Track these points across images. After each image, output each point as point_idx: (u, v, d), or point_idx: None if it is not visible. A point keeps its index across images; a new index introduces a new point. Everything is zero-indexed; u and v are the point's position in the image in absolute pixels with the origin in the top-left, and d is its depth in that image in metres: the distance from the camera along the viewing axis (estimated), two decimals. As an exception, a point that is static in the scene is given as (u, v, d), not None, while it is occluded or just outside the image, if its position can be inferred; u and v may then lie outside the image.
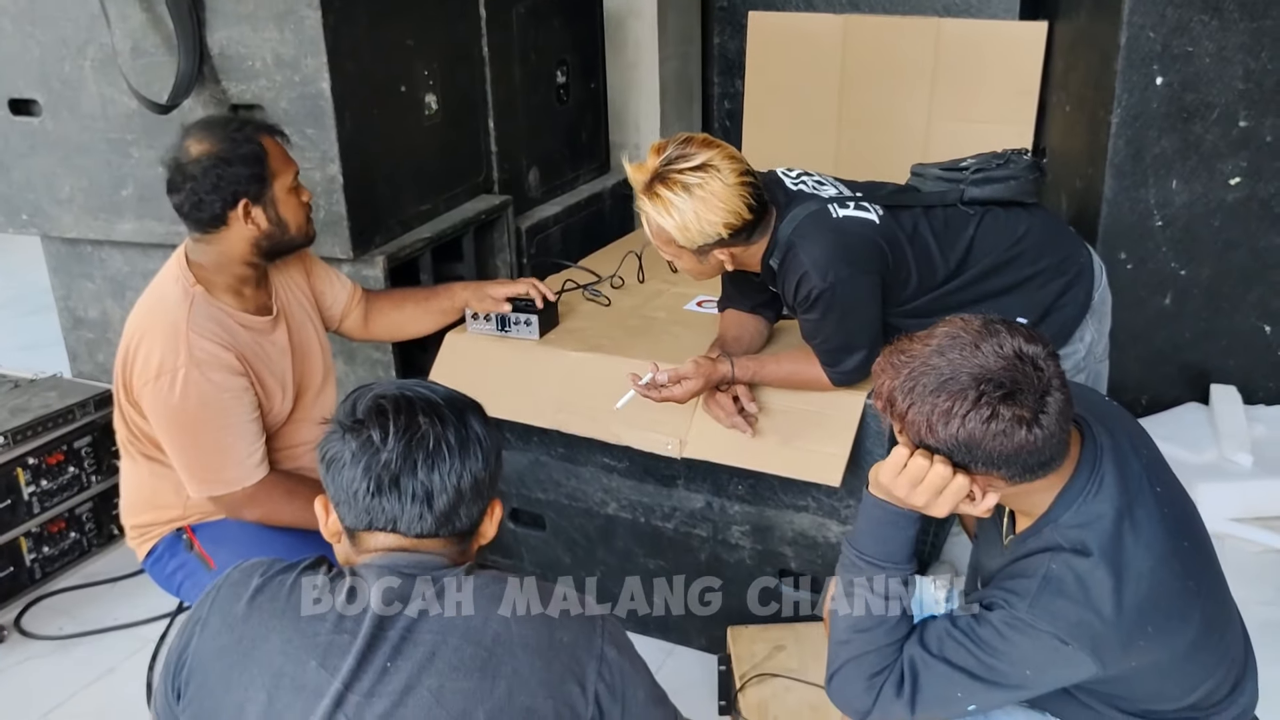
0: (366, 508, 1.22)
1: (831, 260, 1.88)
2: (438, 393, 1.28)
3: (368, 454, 1.21)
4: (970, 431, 1.23)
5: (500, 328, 2.34)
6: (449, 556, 1.26)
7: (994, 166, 2.09)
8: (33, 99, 2.65)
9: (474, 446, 1.25)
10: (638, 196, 1.89)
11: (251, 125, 1.97)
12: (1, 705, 2.29)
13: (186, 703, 1.20)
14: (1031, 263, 2.07)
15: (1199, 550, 1.39)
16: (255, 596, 1.21)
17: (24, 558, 2.60)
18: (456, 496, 1.23)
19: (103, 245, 2.83)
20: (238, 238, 1.94)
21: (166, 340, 1.88)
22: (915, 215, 2.02)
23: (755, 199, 1.87)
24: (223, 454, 1.93)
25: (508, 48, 3.09)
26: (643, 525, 2.34)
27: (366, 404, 1.25)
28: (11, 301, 4.64)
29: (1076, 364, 2.13)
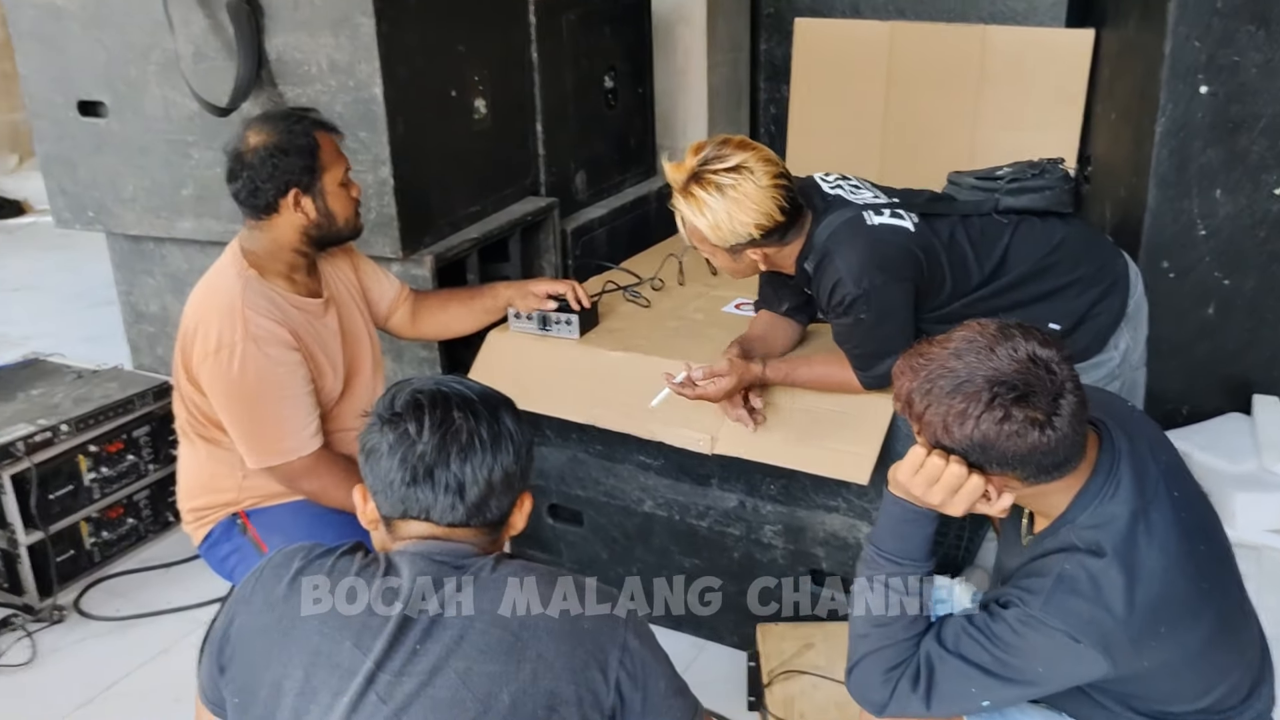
0: (402, 497, 1.28)
1: (866, 267, 1.92)
2: (472, 389, 1.34)
3: (404, 446, 1.27)
4: (984, 432, 1.26)
5: (541, 327, 2.40)
6: (479, 545, 1.31)
7: (1029, 176, 2.11)
8: (100, 101, 2.78)
9: (505, 441, 1.31)
10: (674, 195, 1.94)
11: (308, 120, 2.06)
12: (60, 682, 2.39)
13: (229, 678, 1.27)
14: (1067, 271, 2.08)
15: (1215, 554, 1.41)
16: (296, 579, 1.27)
17: (84, 541, 2.71)
18: (487, 488, 1.29)
19: (164, 242, 2.94)
20: (288, 225, 2.04)
21: (224, 318, 1.98)
22: (952, 223, 2.04)
23: (788, 201, 1.91)
24: (280, 425, 2.02)
25: (557, 54, 3.16)
26: (678, 523, 2.38)
27: (405, 398, 1.31)
28: (79, 295, 4.80)
29: (1111, 371, 2.14)
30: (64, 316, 4.50)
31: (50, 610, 2.58)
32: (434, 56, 2.64)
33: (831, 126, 3.62)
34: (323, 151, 2.03)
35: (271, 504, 2.21)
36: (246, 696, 1.24)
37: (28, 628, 2.53)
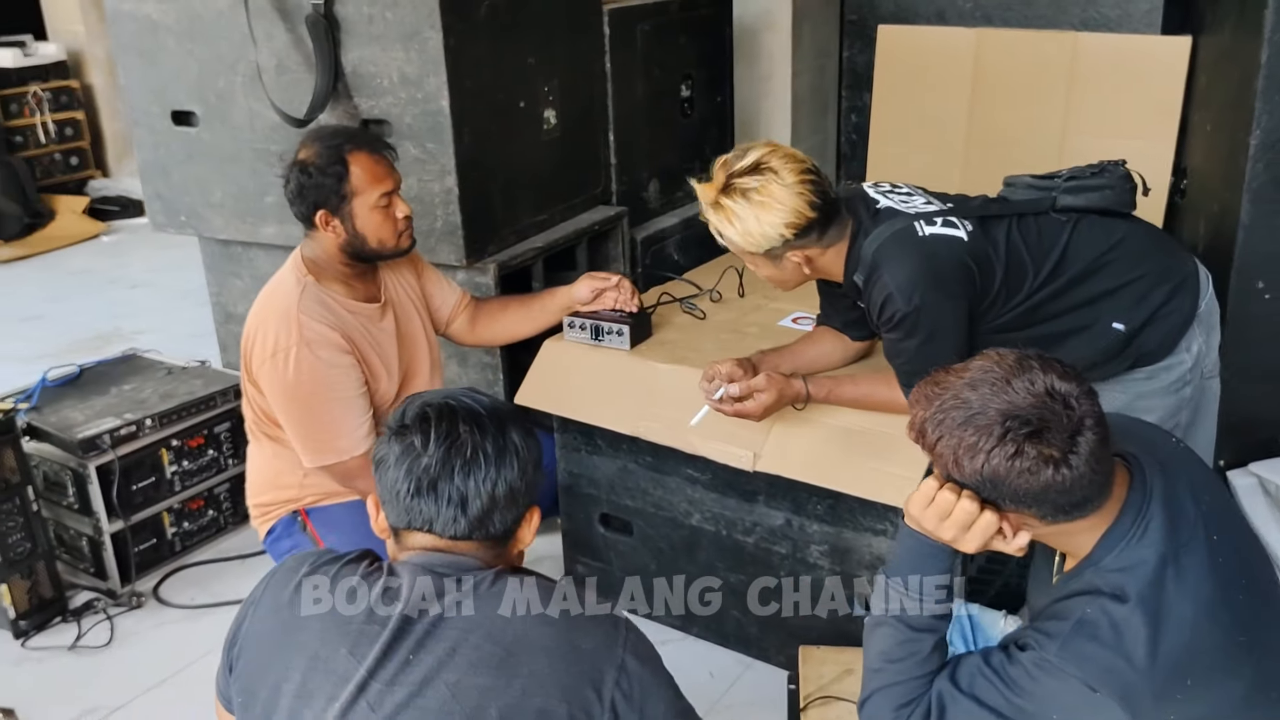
0: (406, 508, 1.31)
1: (917, 283, 1.87)
2: (481, 403, 1.36)
3: (410, 457, 1.30)
4: (994, 468, 1.21)
5: (594, 337, 2.42)
6: (483, 559, 1.33)
7: (1088, 175, 2.04)
8: (191, 111, 2.91)
9: (511, 456, 1.32)
10: (705, 210, 1.93)
11: (350, 142, 2.10)
12: (134, 664, 2.52)
13: (236, 676, 1.32)
14: (1130, 268, 1.99)
15: (1260, 604, 1.32)
16: (300, 584, 1.31)
17: (166, 531, 2.85)
18: (490, 502, 1.30)
19: (250, 247, 3.07)
20: (327, 241, 2.12)
21: (280, 323, 2.07)
22: (1008, 224, 1.98)
23: (819, 197, 1.86)
24: (334, 425, 2.09)
25: (631, 64, 3.18)
26: (724, 538, 2.37)
27: (414, 411, 1.34)
28: (188, 294, 5.04)
29: (1182, 376, 2.04)
30: (172, 314, 4.73)
31: (130, 596, 2.72)
32: (502, 69, 2.69)
33: (914, 136, 3.54)
34: (353, 176, 2.07)
35: (330, 503, 2.29)
36: (249, 696, 1.28)
37: (108, 611, 2.67)
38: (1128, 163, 2.13)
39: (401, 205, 2.15)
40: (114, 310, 4.90)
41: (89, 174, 6.67)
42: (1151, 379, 2.04)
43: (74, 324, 4.73)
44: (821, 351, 2.18)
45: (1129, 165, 2.14)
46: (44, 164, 6.42)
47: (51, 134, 6.46)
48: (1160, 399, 2.03)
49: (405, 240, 2.18)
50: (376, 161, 2.11)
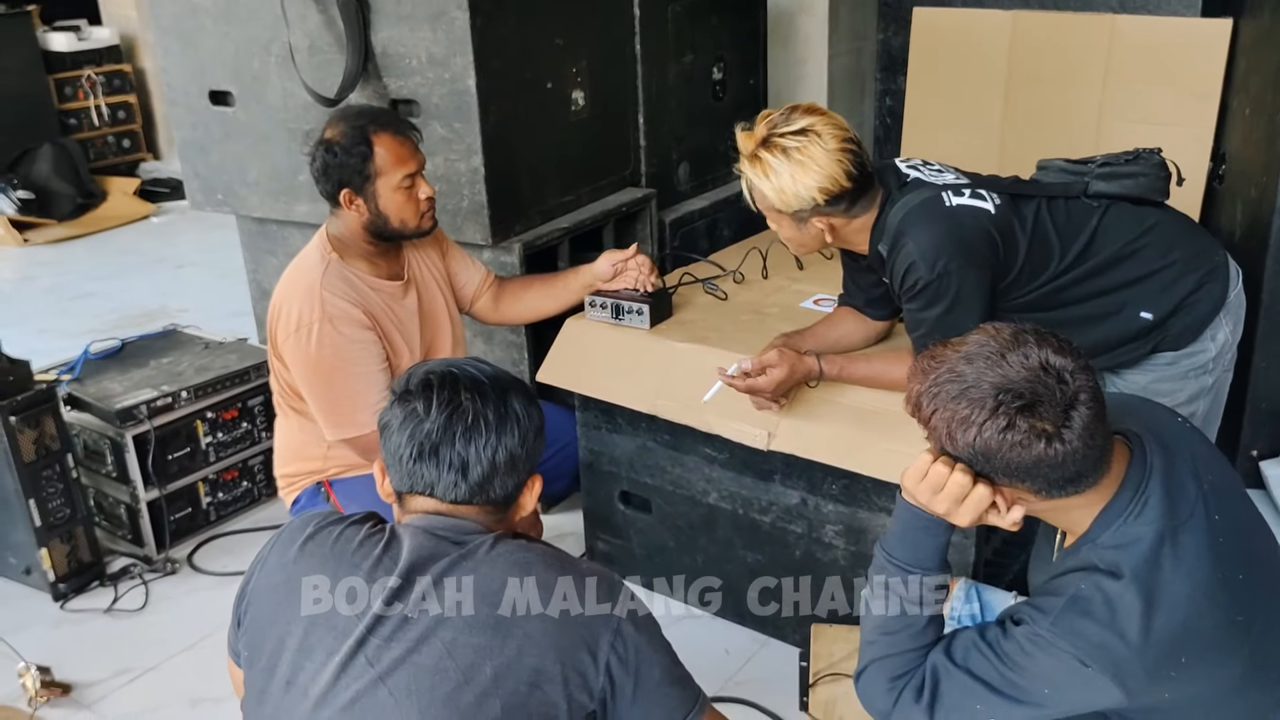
0: (409, 472, 1.34)
1: (941, 250, 1.86)
2: (484, 371, 1.39)
3: (413, 423, 1.33)
4: (986, 441, 1.21)
5: (615, 315, 2.44)
6: (483, 523, 1.36)
7: (1122, 162, 2.02)
8: (228, 91, 2.97)
9: (511, 423, 1.35)
10: (741, 161, 1.93)
11: (375, 122, 2.13)
12: (167, 628, 2.60)
13: (244, 632, 1.37)
14: (1159, 256, 1.97)
15: (1260, 586, 1.31)
16: (306, 543, 1.35)
17: (201, 500, 2.93)
18: (491, 468, 1.33)
19: (284, 225, 3.13)
20: (350, 219, 2.16)
21: (304, 298, 2.12)
22: (1037, 204, 1.97)
23: (856, 168, 1.86)
24: (354, 399, 2.14)
25: (662, 45, 3.18)
26: (741, 517, 2.38)
27: (418, 377, 1.37)
28: (233, 273, 5.14)
29: (1204, 365, 2.01)
30: (216, 292, 4.84)
31: (165, 562, 2.80)
32: (530, 49, 2.71)
33: (949, 119, 3.51)
34: (376, 156, 2.10)
35: (353, 474, 2.34)
36: (254, 651, 1.33)
37: (144, 577, 2.75)
38: (1163, 151, 2.10)
39: (425, 186, 2.18)
40: (160, 289, 5.03)
41: (140, 156, 6.83)
42: (1173, 364, 2.02)
43: (122, 301, 4.86)
44: (842, 332, 2.18)
45: (1165, 152, 2.11)
46: (96, 146, 6.59)
47: (104, 117, 6.62)
48: (1179, 383, 2.01)
49: (427, 221, 2.21)
50: (401, 143, 2.14)
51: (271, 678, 1.30)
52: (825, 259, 2.73)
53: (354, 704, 1.25)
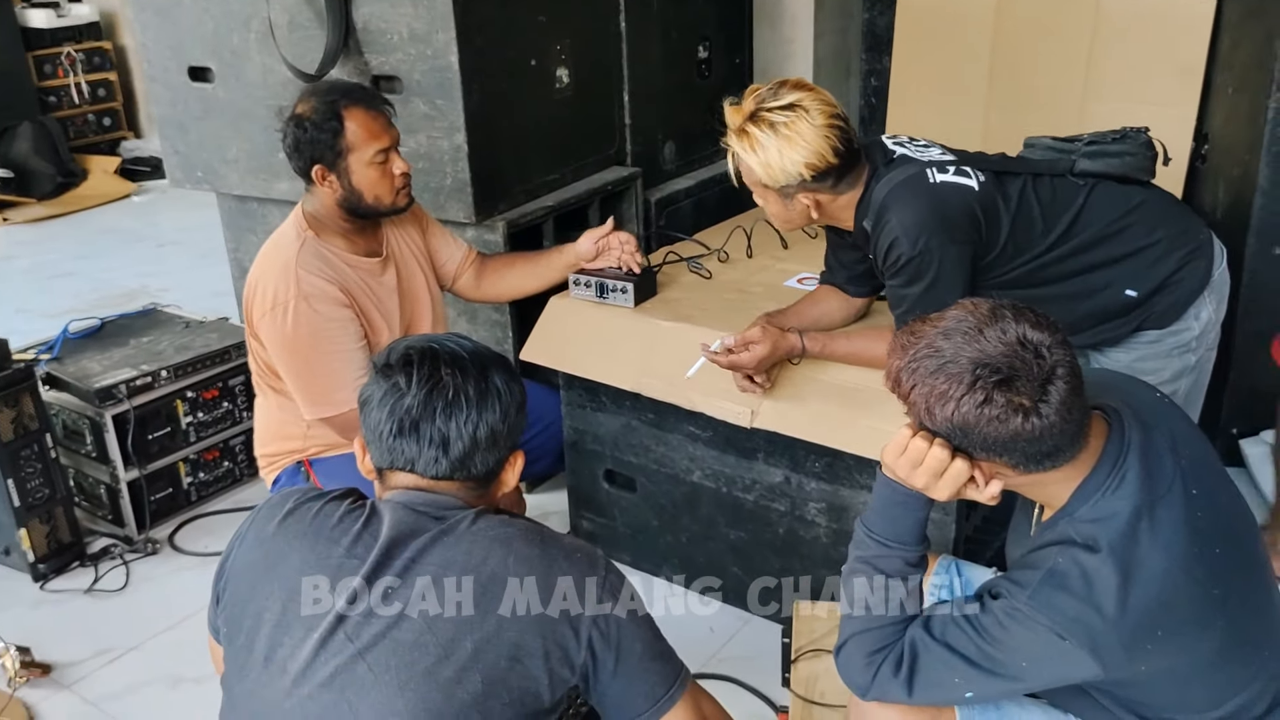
0: (389, 447, 1.33)
1: (923, 227, 1.86)
2: (465, 346, 1.38)
3: (393, 398, 1.32)
4: (964, 415, 1.21)
5: (599, 294, 2.43)
6: (464, 499, 1.35)
7: (1109, 140, 2.02)
8: (207, 67, 2.94)
9: (493, 399, 1.34)
10: (729, 135, 1.92)
11: (346, 97, 2.11)
12: (148, 608, 2.59)
13: (222, 608, 1.36)
14: (1144, 234, 1.98)
15: (1236, 561, 1.32)
16: (285, 519, 1.34)
17: (182, 480, 2.91)
18: (472, 444, 1.33)
19: (265, 202, 3.10)
20: (325, 195, 2.14)
21: (279, 277, 2.10)
22: (1023, 181, 1.97)
23: (843, 144, 1.86)
24: (331, 377, 2.12)
25: (646, 24, 3.16)
26: (725, 495, 2.38)
27: (398, 353, 1.36)
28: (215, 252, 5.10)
29: (1187, 343, 2.02)
30: (198, 271, 4.81)
31: (145, 543, 2.78)
32: (513, 26, 2.69)
33: (934, 99, 3.49)
34: (348, 131, 2.08)
35: (333, 454, 2.33)
36: (233, 627, 1.32)
37: (124, 557, 2.74)
38: (1150, 130, 2.10)
39: (399, 162, 2.15)
40: (142, 268, 4.99)
41: (121, 134, 6.76)
42: (1157, 342, 2.03)
43: (102, 281, 4.82)
44: (823, 310, 2.18)
45: (1151, 131, 2.11)
46: (77, 124, 6.52)
47: (85, 95, 6.55)
48: (1162, 361, 2.02)
49: (403, 198, 2.19)
50: (373, 118, 2.11)
51: (250, 654, 1.30)
52: (809, 238, 2.73)
53: (333, 679, 1.25)
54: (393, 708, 1.23)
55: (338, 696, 1.24)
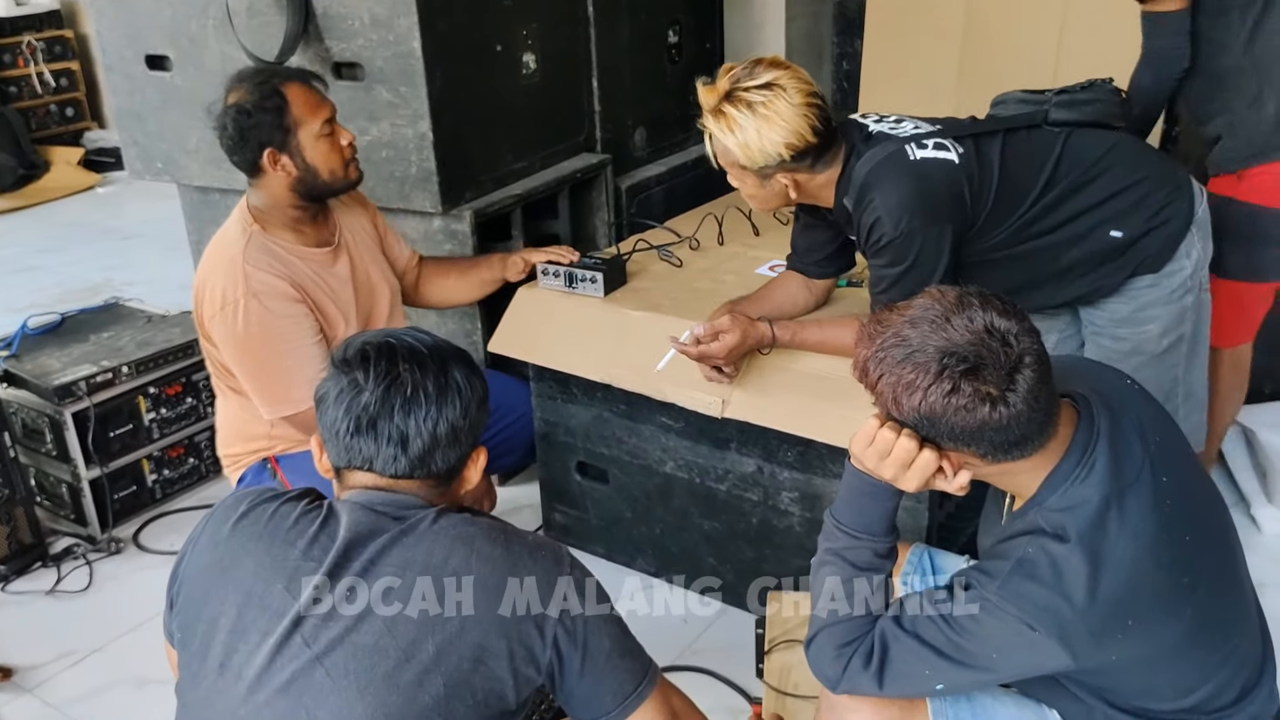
0: (346, 446, 1.30)
1: (905, 207, 1.84)
2: (424, 341, 1.34)
3: (350, 395, 1.29)
4: (931, 405, 1.19)
5: (568, 284, 2.39)
6: (425, 497, 1.32)
7: (1078, 90, 2.00)
8: (165, 55, 2.87)
9: (452, 394, 1.30)
10: (704, 116, 1.88)
11: (278, 75, 2.08)
12: (111, 608, 2.55)
13: (176, 612, 1.32)
14: (1126, 174, 1.96)
15: (1207, 547, 1.30)
16: (239, 521, 1.30)
17: (146, 478, 2.86)
18: (432, 441, 1.29)
19: (227, 193, 3.04)
20: (276, 183, 2.08)
21: (226, 275, 2.05)
22: (1000, 140, 1.95)
23: (821, 122, 1.83)
24: (288, 375, 2.07)
25: (614, 8, 3.11)
26: (698, 486, 2.36)
27: (355, 348, 1.32)
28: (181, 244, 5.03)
29: (1184, 283, 2.00)
30: (164, 264, 4.73)
31: (109, 542, 2.73)
32: (477, 10, 2.64)
33: (906, 81, 3.47)
34: (292, 106, 2.04)
35: (300, 450, 2.29)
36: (187, 632, 1.28)
37: (88, 557, 2.69)
38: (1114, 80, 2.08)
39: (344, 133, 2.12)
40: (106, 261, 4.91)
41: (84, 125, 6.65)
42: (1155, 286, 2.00)
43: (66, 275, 4.74)
44: (787, 295, 2.15)
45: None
46: (39, 115, 6.41)
47: (47, 85, 6.43)
48: (1164, 307, 2.00)
49: (354, 170, 2.15)
50: (310, 90, 2.08)
51: (205, 660, 1.26)
52: (781, 224, 2.70)
53: (289, 685, 1.21)
54: (352, 713, 1.20)
55: (295, 703, 1.21)
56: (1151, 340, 2.01)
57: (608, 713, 1.32)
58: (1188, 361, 2.08)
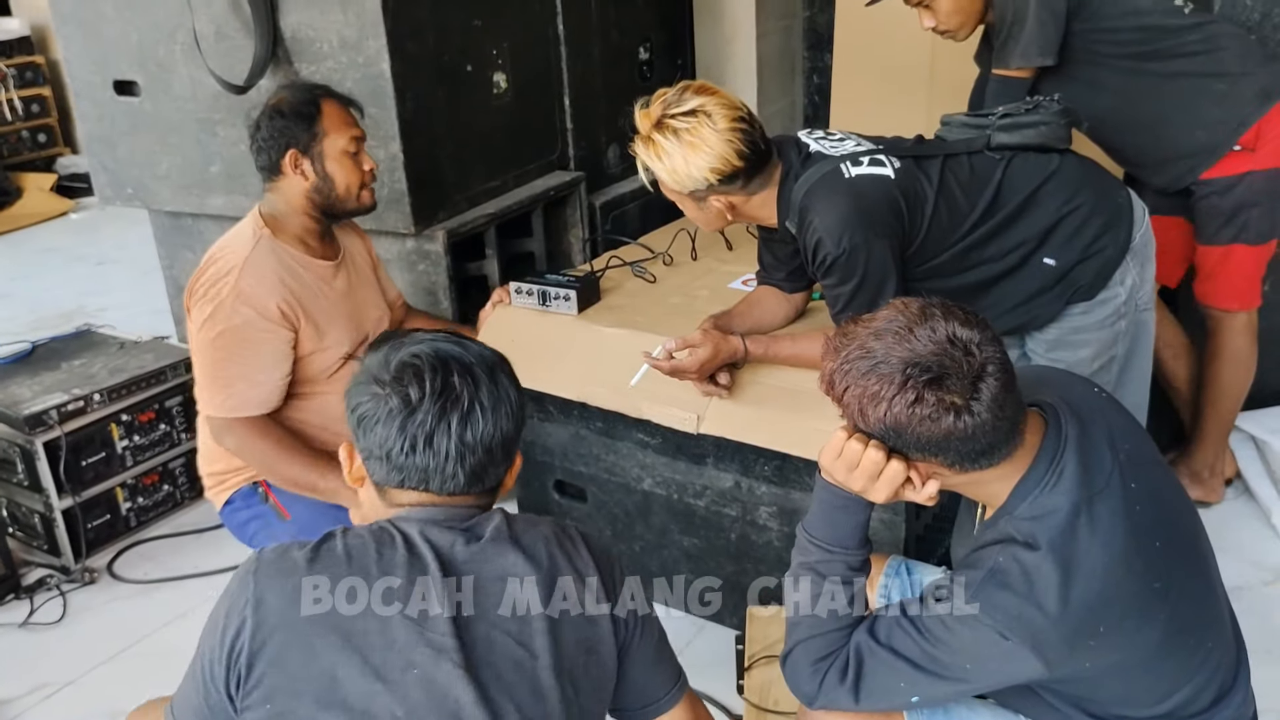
0: (400, 465, 1.23)
1: (845, 224, 1.86)
2: (470, 350, 1.29)
3: (403, 414, 1.22)
4: (896, 416, 1.20)
5: (541, 302, 2.39)
6: (479, 506, 1.30)
7: (1022, 112, 2.02)
8: (133, 80, 2.86)
9: (505, 406, 1.26)
10: (636, 143, 1.91)
11: (321, 90, 2.16)
12: (85, 640, 2.51)
13: (253, 685, 1.17)
14: (1064, 202, 1.98)
15: (1177, 553, 1.31)
16: (313, 565, 1.21)
17: (120, 506, 2.83)
18: (488, 456, 1.25)
19: (199, 218, 3.03)
20: (293, 188, 2.13)
21: (224, 268, 2.07)
22: (940, 163, 1.97)
23: (748, 146, 1.86)
24: (228, 384, 2.09)
25: (584, 27, 3.13)
26: (676, 502, 2.35)
27: (401, 360, 1.25)
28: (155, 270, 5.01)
29: (1117, 309, 2.04)
30: (137, 290, 4.69)
31: (83, 572, 2.70)
32: (447, 31, 2.64)
33: (876, 95, 3.50)
34: (324, 117, 2.11)
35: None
36: (288, 700, 1.16)
37: (61, 588, 2.65)
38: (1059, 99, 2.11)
39: (368, 159, 2.18)
40: (80, 287, 4.87)
41: (57, 151, 6.60)
42: (1087, 313, 2.04)
43: (39, 302, 4.70)
44: (764, 310, 2.16)
45: None
46: (10, 141, 6.36)
47: (17, 111, 6.39)
48: (1095, 333, 2.03)
49: (368, 196, 2.20)
50: (346, 111, 2.16)
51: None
52: (753, 238, 2.71)
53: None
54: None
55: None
56: (1084, 364, 2.04)
57: (658, 700, 1.36)
58: (1118, 380, 2.12)
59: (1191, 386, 2.63)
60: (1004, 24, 2.36)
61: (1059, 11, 2.30)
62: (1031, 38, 2.31)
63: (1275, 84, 2.28)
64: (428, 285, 2.72)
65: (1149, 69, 2.34)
